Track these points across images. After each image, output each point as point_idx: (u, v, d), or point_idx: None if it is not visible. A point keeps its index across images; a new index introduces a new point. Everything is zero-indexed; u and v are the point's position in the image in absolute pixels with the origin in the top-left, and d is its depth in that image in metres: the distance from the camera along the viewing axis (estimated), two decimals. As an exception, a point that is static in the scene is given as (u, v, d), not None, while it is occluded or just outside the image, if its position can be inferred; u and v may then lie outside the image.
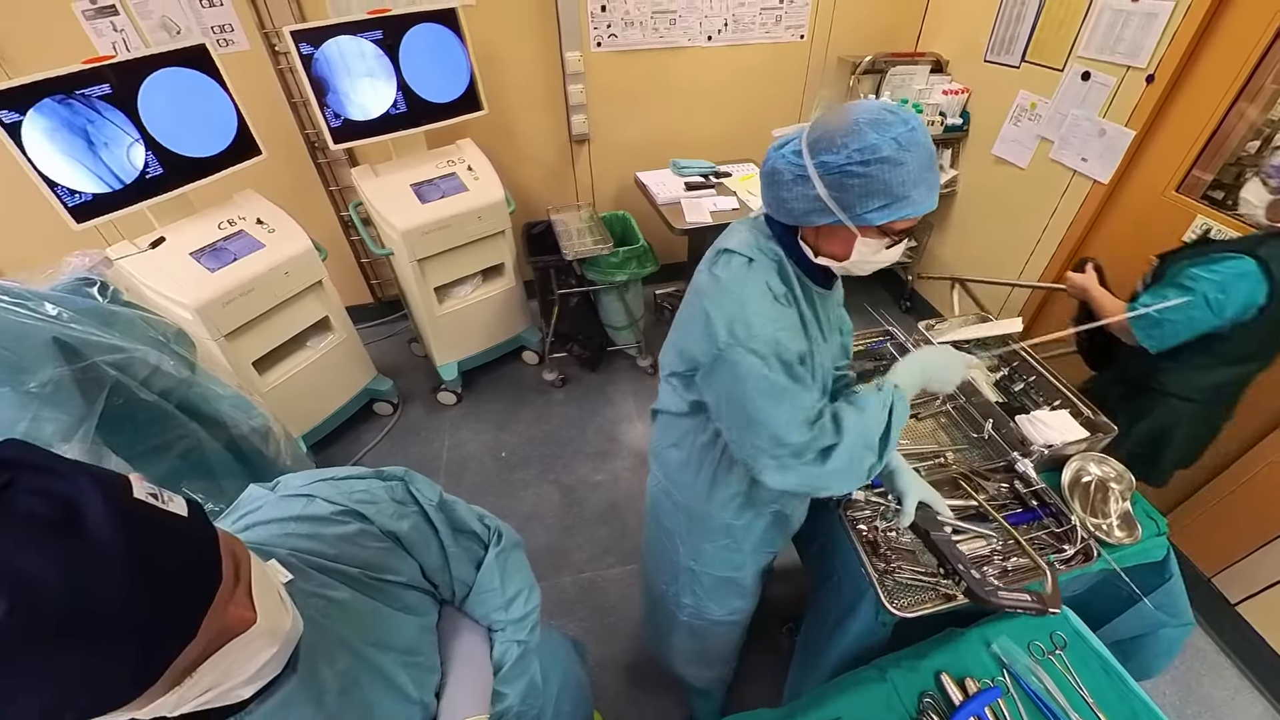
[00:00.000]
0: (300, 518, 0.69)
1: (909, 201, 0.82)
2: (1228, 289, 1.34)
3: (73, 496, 0.37)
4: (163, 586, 0.40)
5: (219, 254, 2.04)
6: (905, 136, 0.79)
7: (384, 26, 2.20)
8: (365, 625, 0.67)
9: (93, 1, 2.25)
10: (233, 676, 0.47)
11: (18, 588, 0.33)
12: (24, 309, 1.09)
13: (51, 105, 1.72)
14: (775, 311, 0.91)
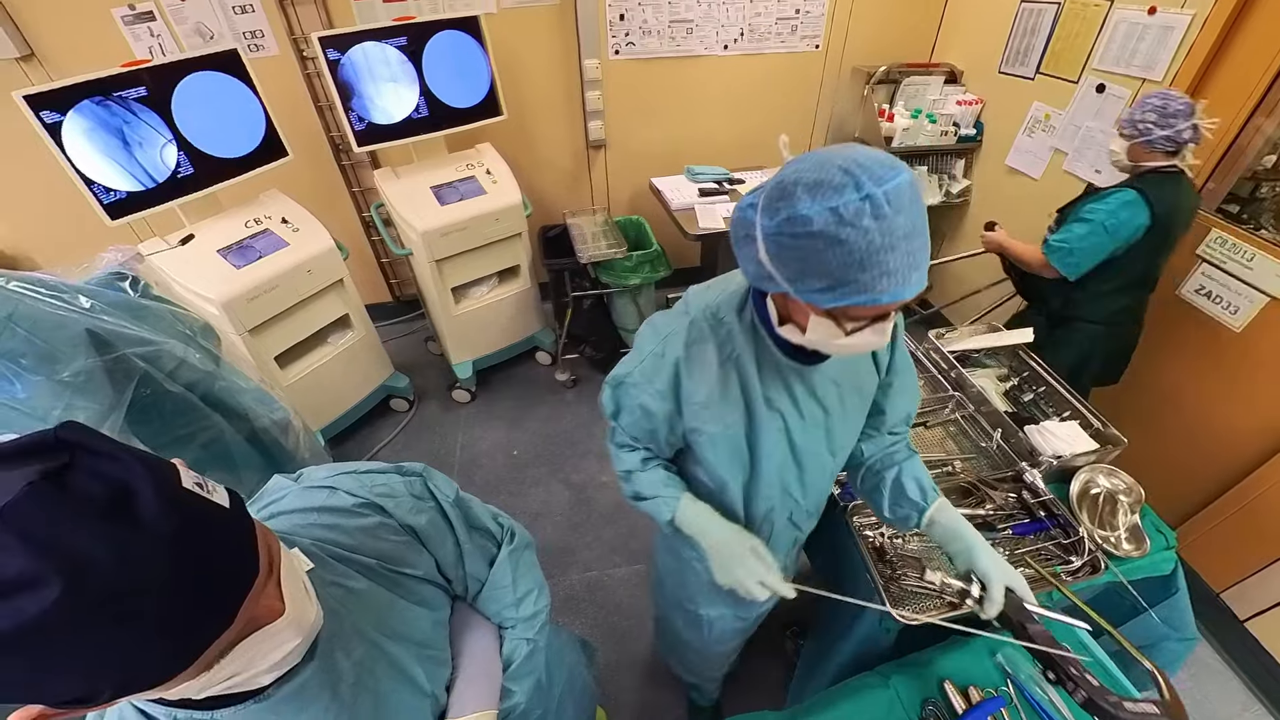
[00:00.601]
0: (322, 508, 0.70)
1: (857, 287, 0.63)
2: (1118, 214, 1.65)
3: (127, 481, 0.38)
4: (204, 574, 0.40)
5: (245, 251, 2.07)
6: (850, 209, 0.59)
7: (408, 33, 2.22)
8: (381, 616, 0.68)
9: (131, 7, 2.30)
10: (256, 665, 0.48)
11: (71, 568, 0.34)
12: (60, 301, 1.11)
13: (90, 106, 1.76)
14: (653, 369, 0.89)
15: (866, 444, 1.07)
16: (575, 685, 1.17)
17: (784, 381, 0.87)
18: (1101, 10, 2.14)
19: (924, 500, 1.01)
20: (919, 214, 0.62)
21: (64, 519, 0.35)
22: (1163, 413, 2.10)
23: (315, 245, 2.21)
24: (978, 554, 0.94)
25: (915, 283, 0.64)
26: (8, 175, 2.51)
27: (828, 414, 0.93)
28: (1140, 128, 1.63)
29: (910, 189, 0.61)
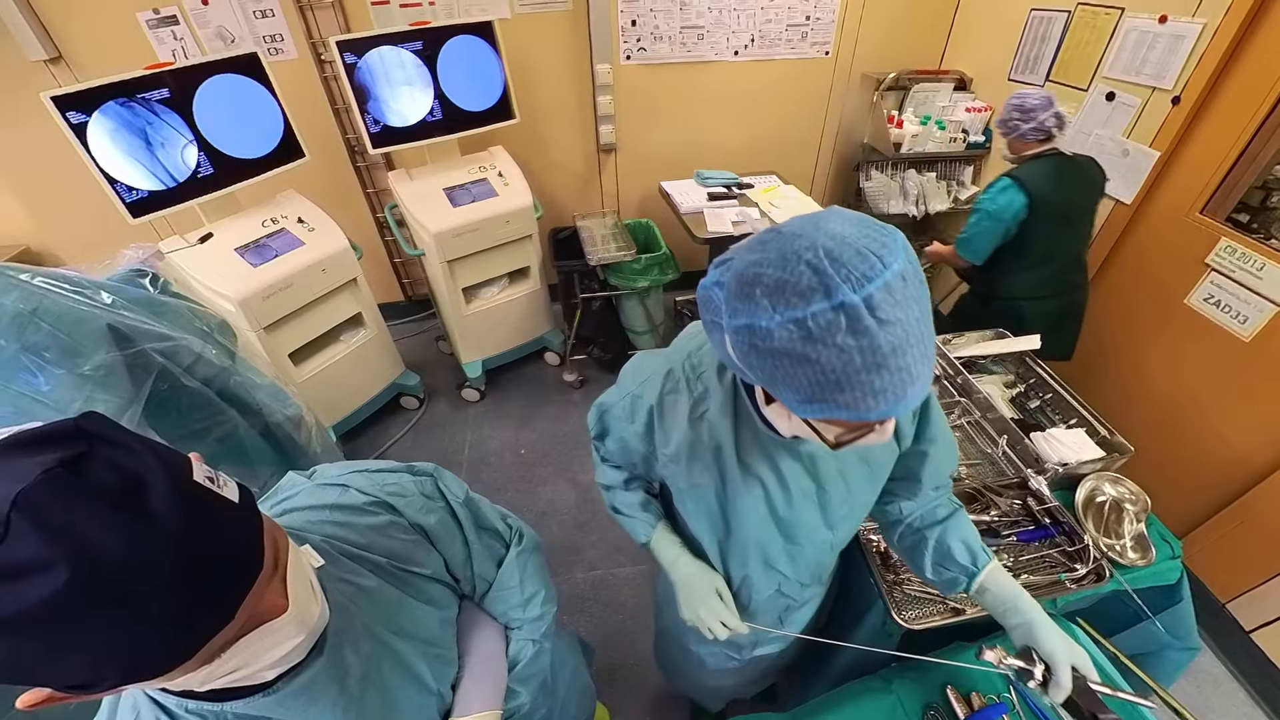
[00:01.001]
0: (334, 506, 0.70)
1: (835, 405, 0.51)
2: (997, 199, 1.86)
3: (140, 473, 0.38)
4: (209, 567, 0.41)
5: (262, 250, 2.09)
6: (821, 321, 0.47)
7: (424, 38, 2.24)
8: (390, 613, 0.68)
9: (156, 12, 2.33)
10: (259, 660, 0.48)
11: (80, 555, 0.34)
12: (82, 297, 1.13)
13: (115, 108, 1.78)
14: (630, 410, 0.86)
15: (905, 503, 0.96)
16: (577, 685, 1.17)
17: (765, 450, 0.77)
18: (1112, 19, 2.12)
19: (974, 564, 0.91)
20: (915, 317, 0.48)
21: (77, 507, 0.35)
22: (1170, 421, 2.07)
23: (330, 245, 2.23)
24: (1040, 631, 0.83)
25: (913, 397, 0.51)
26: (35, 174, 2.55)
27: (822, 488, 0.83)
28: (1010, 125, 1.88)
29: (901, 286, 0.48)
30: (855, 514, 0.91)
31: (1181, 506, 1.97)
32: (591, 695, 1.30)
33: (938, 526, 0.94)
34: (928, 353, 0.51)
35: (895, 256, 0.48)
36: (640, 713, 1.77)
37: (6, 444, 0.36)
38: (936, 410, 0.86)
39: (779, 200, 2.66)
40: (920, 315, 0.49)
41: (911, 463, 0.89)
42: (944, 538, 0.93)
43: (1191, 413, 2.01)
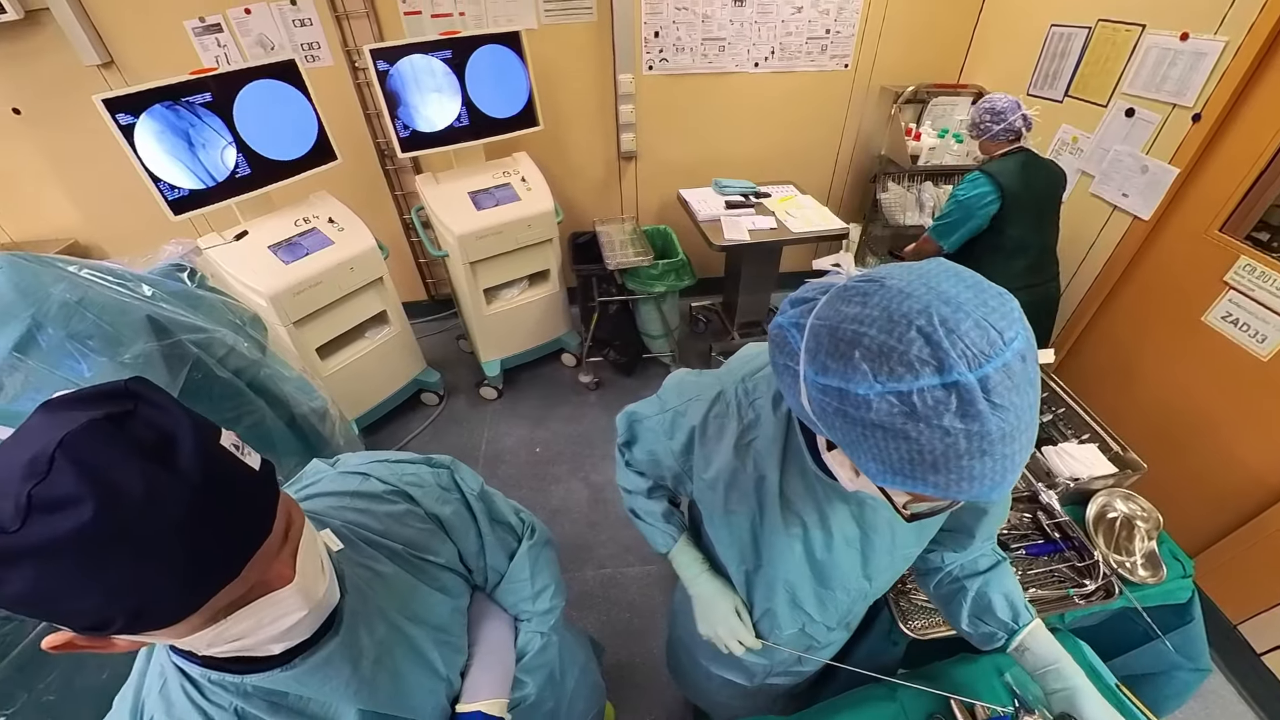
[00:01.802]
0: (355, 493, 0.71)
1: (925, 485, 0.46)
2: (969, 191, 1.98)
3: (172, 431, 0.41)
4: (222, 523, 0.42)
5: (293, 248, 2.13)
6: (929, 399, 0.42)
7: (453, 47, 2.27)
8: (404, 599, 0.69)
9: (202, 20, 2.39)
10: (263, 629, 0.48)
11: (108, 495, 0.36)
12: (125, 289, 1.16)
13: (161, 110, 1.83)
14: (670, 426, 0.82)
15: (949, 554, 0.90)
16: (586, 680, 1.17)
17: (811, 489, 0.72)
18: (1133, 35, 2.08)
19: (1015, 621, 0.85)
20: (1029, 403, 0.43)
21: (112, 454, 0.38)
22: (1184, 439, 2.02)
23: (358, 244, 2.26)
24: (1084, 700, 0.77)
25: (1010, 483, 0.46)
26: (85, 172, 2.63)
27: (867, 537, 0.77)
28: (982, 127, 2.03)
29: (1020, 367, 0.42)
30: (896, 565, 0.85)
31: (1194, 525, 1.91)
32: (601, 692, 1.29)
33: (979, 578, 0.88)
34: (1033, 439, 0.45)
35: (1016, 332, 0.42)
36: (645, 711, 1.76)
37: (67, 397, 0.40)
38: None
39: (795, 210, 2.65)
40: (1033, 401, 0.44)
41: (968, 517, 0.83)
42: (985, 590, 0.87)
43: (1206, 431, 1.96)
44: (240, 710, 0.56)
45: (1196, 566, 1.24)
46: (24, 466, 0.36)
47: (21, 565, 0.36)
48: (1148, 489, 1.32)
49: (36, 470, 0.36)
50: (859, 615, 0.97)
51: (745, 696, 1.21)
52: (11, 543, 0.35)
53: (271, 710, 0.57)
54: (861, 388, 0.44)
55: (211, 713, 0.55)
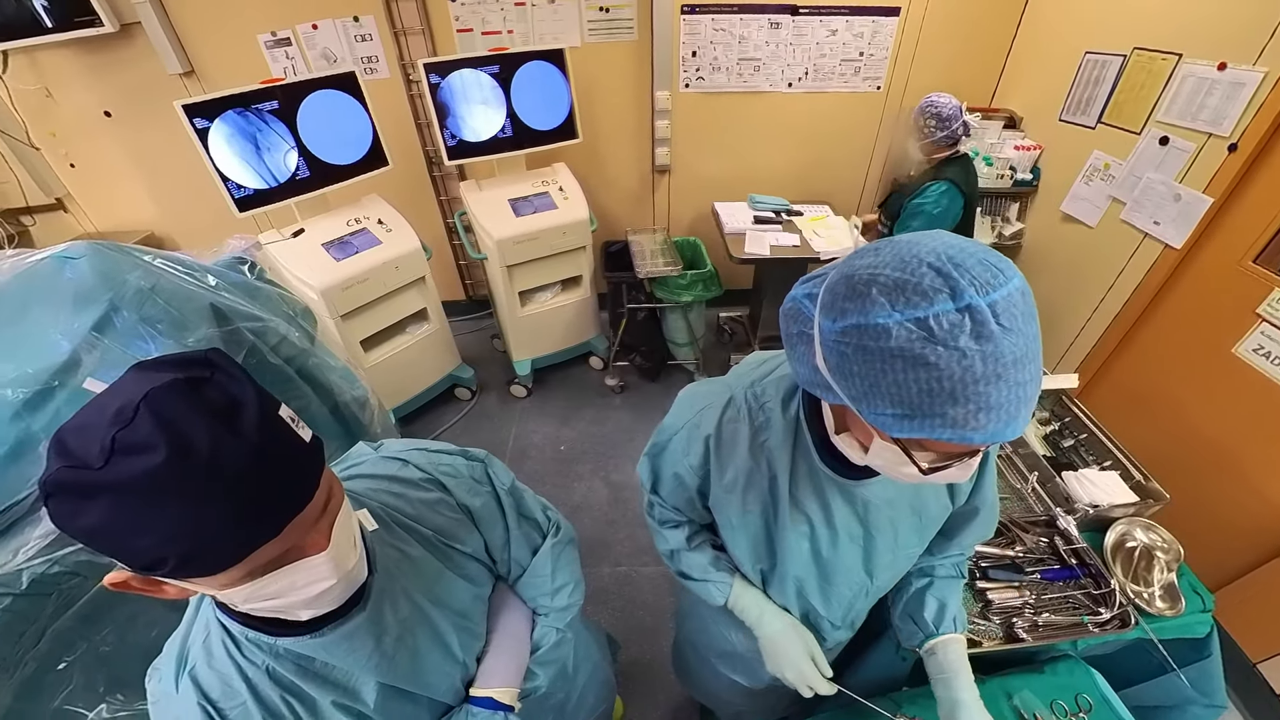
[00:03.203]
0: (393, 478, 0.73)
1: (944, 421, 0.46)
2: (941, 203, 1.96)
3: (239, 398, 0.44)
4: (271, 484, 0.45)
5: (344, 246, 2.20)
6: (945, 323, 0.43)
7: (501, 62, 2.31)
8: (429, 582, 0.70)
9: (273, 34, 2.49)
10: (296, 592, 0.50)
11: (178, 444, 0.40)
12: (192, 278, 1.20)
13: (233, 116, 1.92)
14: (686, 442, 0.80)
15: (924, 556, 0.90)
16: (597, 677, 1.16)
17: (818, 489, 0.73)
18: (1169, 64, 2.00)
19: (935, 628, 0.86)
20: (1033, 332, 0.45)
21: (187, 411, 0.41)
22: (1210, 472, 1.92)
23: (404, 245, 2.31)
24: (963, 713, 0.80)
25: (1023, 421, 0.46)
26: (164, 170, 2.76)
27: (870, 535, 0.77)
28: (925, 131, 2.00)
29: (1024, 298, 0.45)
30: (898, 565, 0.85)
31: (1216, 559, 1.82)
32: (612, 689, 1.29)
33: (927, 579, 0.90)
34: (1039, 375, 0.46)
35: (1014, 271, 0.46)
36: (652, 708, 1.75)
37: (159, 360, 0.45)
38: (993, 472, 0.81)
39: (824, 230, 2.62)
40: (1037, 334, 0.45)
41: (956, 521, 0.84)
42: (925, 591, 0.89)
43: (1233, 465, 1.86)
44: (271, 669, 0.58)
45: (1217, 602, 1.18)
46: (113, 414, 0.40)
47: (99, 499, 0.39)
48: (1169, 520, 1.26)
49: (123, 418, 0.40)
50: (862, 613, 0.95)
51: (752, 696, 1.19)
52: (94, 478, 0.39)
53: (299, 673, 0.59)
54: (880, 317, 0.45)
55: (246, 667, 0.58)
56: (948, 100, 1.97)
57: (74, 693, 0.91)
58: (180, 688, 0.58)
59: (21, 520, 0.89)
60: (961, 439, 0.46)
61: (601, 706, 1.19)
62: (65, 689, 0.90)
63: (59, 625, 0.90)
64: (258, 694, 0.58)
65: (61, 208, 2.91)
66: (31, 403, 0.90)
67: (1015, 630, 1.11)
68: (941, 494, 0.79)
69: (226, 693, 0.57)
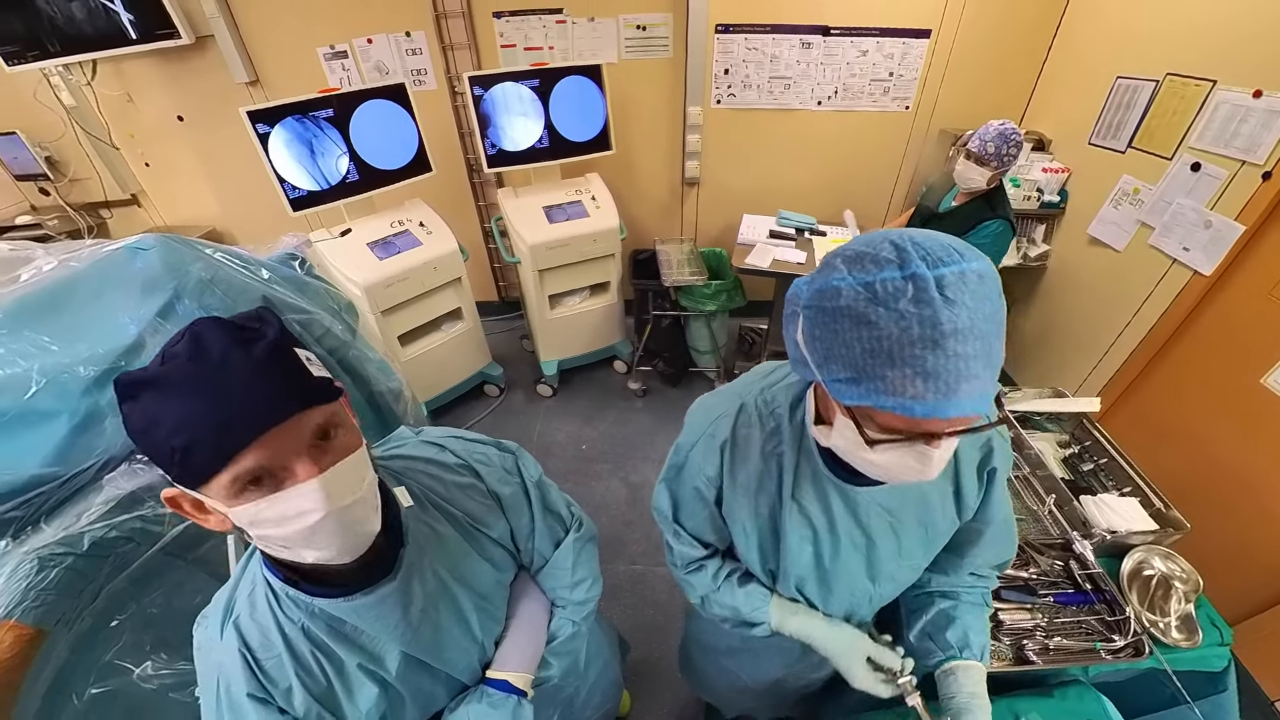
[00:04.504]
0: (431, 460, 0.76)
1: (883, 385, 0.47)
2: (998, 244, 1.76)
3: (263, 333, 0.52)
4: (255, 392, 0.49)
5: (388, 246, 2.25)
6: (887, 286, 0.45)
7: (541, 76, 2.35)
8: (455, 561, 0.71)
9: (332, 47, 2.58)
10: (289, 522, 0.51)
11: (197, 351, 0.49)
12: (247, 271, 1.25)
13: (291, 122, 1.99)
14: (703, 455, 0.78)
15: (937, 574, 0.86)
16: (607, 676, 1.15)
17: (821, 494, 0.72)
18: (1203, 90, 1.92)
19: (959, 651, 0.81)
20: (983, 311, 0.45)
21: (215, 334, 0.50)
22: (1233, 503, 1.83)
23: (443, 247, 2.36)
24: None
25: (965, 396, 0.45)
26: (228, 171, 2.89)
27: (872, 543, 0.75)
28: (1004, 159, 1.74)
29: (976, 281, 0.45)
30: (901, 575, 0.82)
31: (1237, 593, 1.73)
32: (619, 688, 1.28)
33: (952, 601, 0.84)
34: (990, 358, 0.46)
35: (978, 259, 0.47)
36: (659, 704, 1.74)
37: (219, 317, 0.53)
38: (1004, 492, 0.78)
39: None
40: (989, 315, 0.45)
41: (962, 538, 0.81)
42: (951, 612, 0.83)
43: (1258, 498, 1.77)
44: (306, 627, 0.61)
45: (1235, 636, 1.12)
46: (174, 338, 0.51)
47: (144, 393, 0.48)
48: (1189, 550, 1.21)
49: (177, 338, 0.50)
50: (865, 619, 0.91)
51: (757, 695, 1.18)
52: (143, 375, 0.48)
53: (330, 633, 0.62)
54: (835, 279, 0.49)
55: (284, 623, 0.61)
56: (1008, 122, 1.76)
57: (123, 649, 0.95)
58: (225, 635, 0.61)
59: (86, 487, 0.94)
60: (903, 409, 0.47)
61: (608, 705, 1.19)
62: (115, 645, 0.94)
63: (113, 586, 0.94)
64: (292, 648, 0.61)
65: (136, 203, 3.06)
66: (100, 380, 0.95)
67: (1025, 652, 1.07)
68: (948, 507, 0.76)
69: (264, 644, 0.61)
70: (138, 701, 0.94)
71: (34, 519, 0.90)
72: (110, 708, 0.91)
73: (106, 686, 0.92)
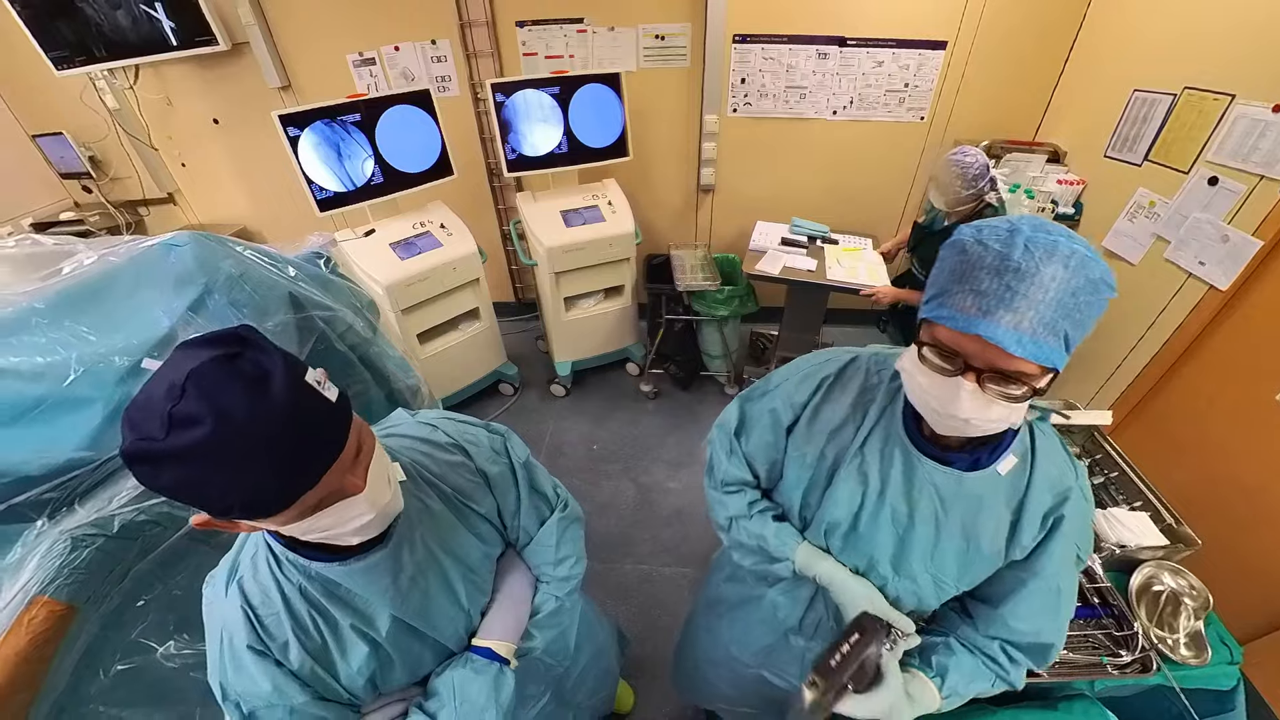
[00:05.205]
0: (423, 439, 0.78)
1: (947, 297, 0.56)
2: None
3: (269, 369, 0.48)
4: (304, 441, 0.49)
5: (409, 247, 2.29)
6: (993, 233, 0.54)
7: (561, 84, 2.37)
8: (445, 534, 0.74)
9: (360, 54, 2.63)
10: (343, 525, 0.57)
11: (220, 416, 0.44)
12: (275, 268, 1.28)
13: (320, 126, 2.03)
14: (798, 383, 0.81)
15: (966, 626, 0.79)
16: (600, 663, 1.16)
17: (887, 454, 0.73)
18: (1221, 104, 1.87)
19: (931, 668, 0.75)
20: (1057, 276, 0.51)
21: (225, 384, 0.46)
22: (1245, 521, 1.78)
23: (462, 248, 2.38)
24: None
25: (1000, 323, 0.52)
26: (259, 172, 2.95)
27: (911, 524, 0.73)
28: (953, 189, 1.89)
29: (1066, 255, 0.51)
30: (922, 582, 0.75)
31: (1248, 611, 1.67)
32: (613, 679, 1.28)
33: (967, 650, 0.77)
34: (1043, 314, 0.52)
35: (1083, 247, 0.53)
36: (663, 701, 1.73)
37: (194, 340, 0.49)
38: (1065, 554, 0.71)
39: (848, 260, 2.52)
40: (1063, 283, 0.51)
41: (1002, 584, 0.74)
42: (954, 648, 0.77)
43: (1271, 516, 1.71)
44: (303, 588, 0.64)
45: (1245, 655, 1.09)
46: (165, 391, 0.45)
47: (167, 465, 0.45)
48: (1200, 566, 1.18)
49: (173, 394, 0.45)
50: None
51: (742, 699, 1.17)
52: (159, 449, 0.44)
53: (326, 595, 0.65)
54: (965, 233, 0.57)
55: (283, 583, 0.64)
56: (974, 159, 1.86)
57: (148, 628, 0.97)
58: (229, 592, 0.65)
59: (117, 473, 0.96)
60: (950, 320, 0.55)
61: (601, 692, 1.19)
62: (141, 624, 0.97)
63: (140, 568, 0.96)
64: (290, 606, 0.64)
65: (172, 201, 3.14)
66: (134, 370, 0.97)
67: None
68: (1000, 534, 0.71)
69: (265, 601, 0.64)
70: (160, 678, 0.96)
71: (68, 500, 0.93)
72: (134, 683, 0.94)
73: (131, 663, 0.94)
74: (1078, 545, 0.73)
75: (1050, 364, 0.54)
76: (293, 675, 0.64)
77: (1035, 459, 0.70)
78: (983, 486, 0.70)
